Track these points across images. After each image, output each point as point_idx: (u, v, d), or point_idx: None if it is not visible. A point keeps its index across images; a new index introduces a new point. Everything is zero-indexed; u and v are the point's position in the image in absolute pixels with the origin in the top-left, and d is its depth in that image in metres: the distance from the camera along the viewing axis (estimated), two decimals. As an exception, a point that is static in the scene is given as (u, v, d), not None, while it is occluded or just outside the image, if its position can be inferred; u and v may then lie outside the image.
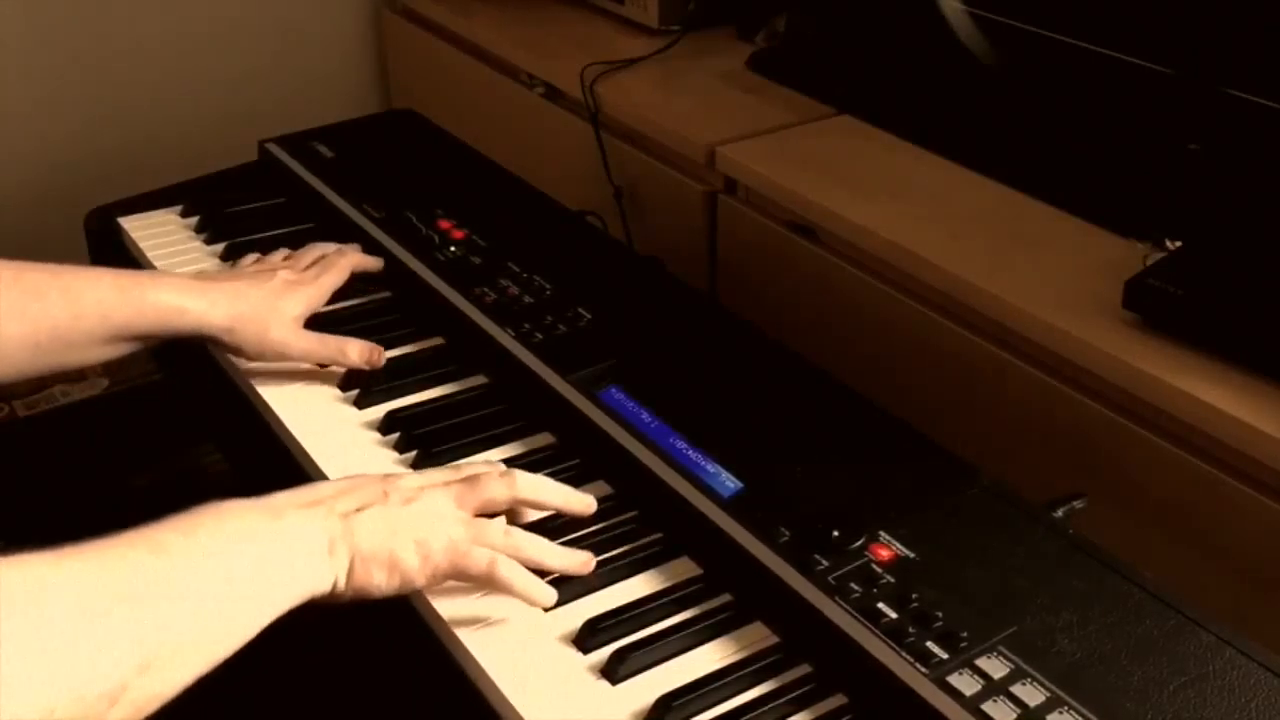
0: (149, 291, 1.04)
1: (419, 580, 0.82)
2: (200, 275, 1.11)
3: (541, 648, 0.82)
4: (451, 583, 0.85)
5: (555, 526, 0.91)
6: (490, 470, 0.89)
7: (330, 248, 1.20)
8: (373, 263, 1.21)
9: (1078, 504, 0.91)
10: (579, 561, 0.87)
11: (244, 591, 0.75)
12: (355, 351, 1.07)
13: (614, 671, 0.79)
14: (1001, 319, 1.15)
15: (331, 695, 1.02)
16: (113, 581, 0.69)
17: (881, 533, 0.85)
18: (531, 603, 0.84)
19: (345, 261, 1.17)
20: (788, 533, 0.85)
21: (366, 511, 0.82)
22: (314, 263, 1.16)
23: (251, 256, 1.21)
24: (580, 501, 0.91)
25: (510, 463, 0.98)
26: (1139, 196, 1.24)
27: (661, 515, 0.92)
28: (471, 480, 0.87)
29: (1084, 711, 0.72)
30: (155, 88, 2.03)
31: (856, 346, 1.30)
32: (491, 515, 0.87)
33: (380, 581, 0.81)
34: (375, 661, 0.91)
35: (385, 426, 1.02)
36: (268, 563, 0.77)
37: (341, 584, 0.80)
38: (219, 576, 0.74)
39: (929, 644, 0.77)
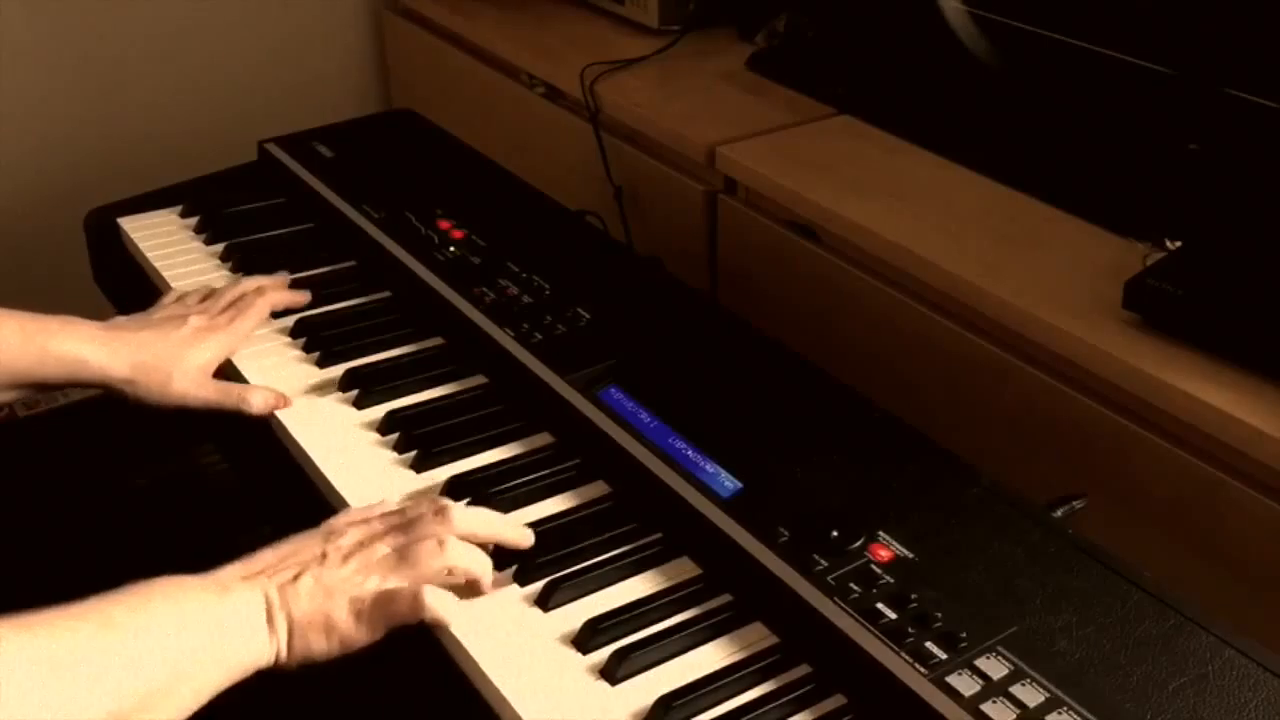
0: (52, 340, 1.03)
1: (358, 639, 0.82)
2: (110, 324, 1.09)
3: (541, 648, 0.82)
4: (450, 583, 0.85)
5: (555, 528, 0.91)
6: (427, 510, 0.88)
7: (251, 285, 1.16)
8: (296, 298, 1.18)
9: (1078, 504, 0.91)
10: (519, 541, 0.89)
11: (188, 668, 0.76)
12: (258, 399, 1.04)
13: (614, 672, 0.79)
14: (1001, 319, 1.15)
15: (330, 695, 1.02)
16: (60, 653, 0.70)
17: (881, 533, 0.85)
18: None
19: (263, 302, 1.14)
20: (787, 533, 0.85)
21: (303, 578, 0.82)
22: (231, 304, 1.13)
23: (173, 295, 1.18)
24: (519, 534, 0.89)
25: (510, 463, 0.98)
26: (1139, 196, 1.24)
27: (661, 515, 0.91)
28: (408, 525, 0.87)
29: (1083, 712, 0.72)
30: (155, 88, 2.03)
31: (856, 346, 1.30)
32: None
33: (320, 647, 0.82)
34: (373, 661, 0.91)
35: (385, 426, 1.02)
36: (211, 638, 0.78)
37: (284, 655, 0.81)
38: (165, 652, 0.75)
39: (928, 644, 0.77)
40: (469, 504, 0.91)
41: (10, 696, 0.66)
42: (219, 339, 1.09)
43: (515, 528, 0.90)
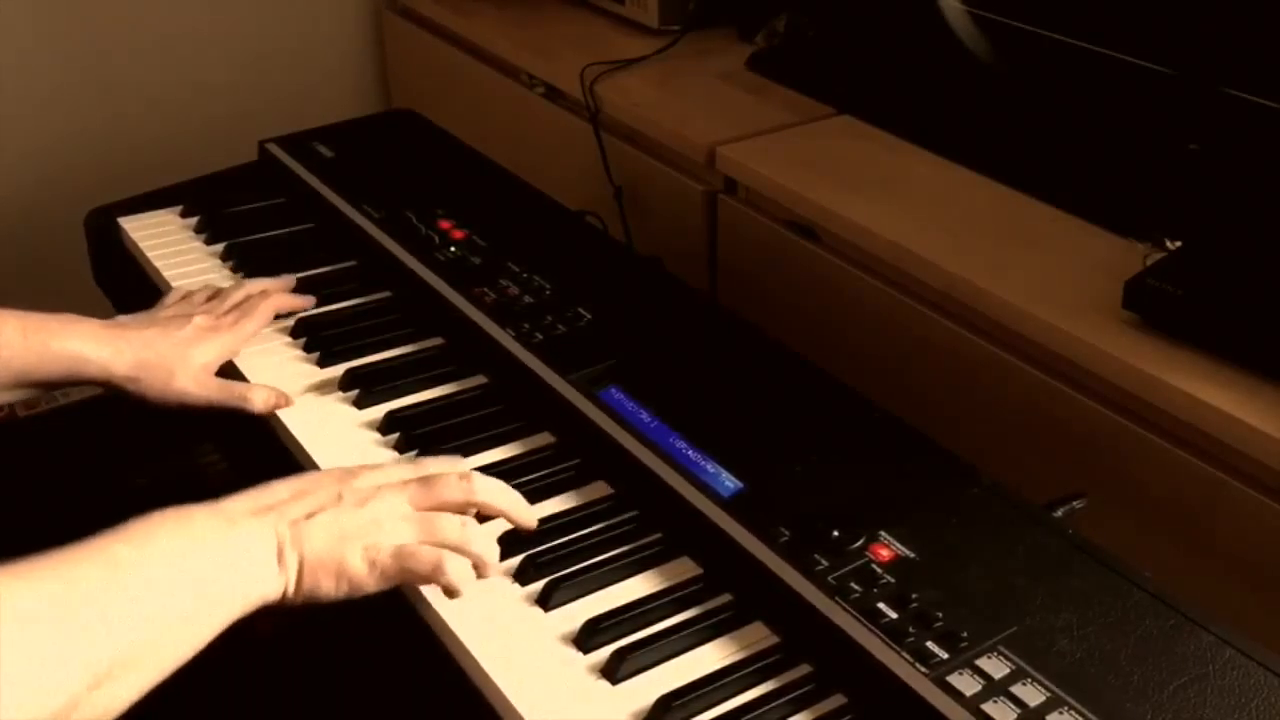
0: (53, 339, 1.03)
1: (368, 586, 0.82)
2: (112, 322, 1.09)
3: (541, 648, 0.82)
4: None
5: (556, 528, 0.91)
6: (449, 471, 0.88)
7: (256, 287, 1.17)
8: (300, 302, 1.18)
9: (1078, 504, 0.91)
10: (527, 519, 0.90)
11: (195, 603, 0.75)
12: (260, 398, 1.05)
13: (614, 671, 0.79)
14: (1001, 319, 1.15)
15: (331, 695, 1.02)
16: (63, 598, 0.70)
17: (881, 533, 0.85)
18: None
19: (267, 305, 1.14)
20: (788, 533, 0.85)
21: (318, 517, 0.82)
22: (236, 306, 1.13)
23: (177, 294, 1.18)
24: (527, 514, 0.90)
25: (510, 463, 0.98)
26: (1139, 196, 1.24)
27: (661, 515, 0.92)
28: (429, 481, 0.87)
29: (1084, 711, 0.72)
30: (155, 88, 2.03)
31: (856, 346, 1.30)
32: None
33: (328, 588, 0.81)
34: (375, 661, 0.91)
35: (385, 426, 1.02)
36: (219, 573, 0.77)
37: (291, 591, 0.80)
38: (170, 589, 0.74)
39: (929, 644, 0.77)
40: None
41: (16, 641, 0.65)
42: (222, 339, 1.09)
43: (527, 506, 0.91)
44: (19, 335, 1.02)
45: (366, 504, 0.84)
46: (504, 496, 0.90)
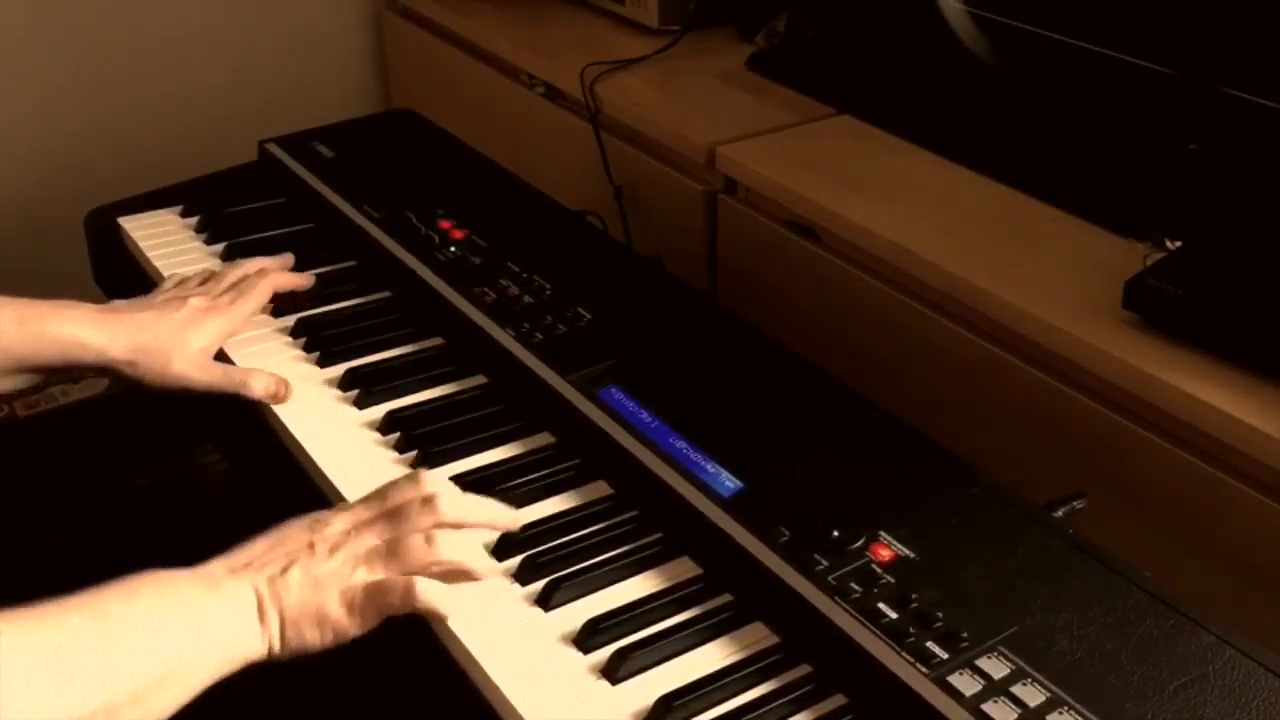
0: (49, 324, 1.03)
1: (351, 630, 0.82)
2: (108, 306, 1.09)
3: (541, 648, 0.82)
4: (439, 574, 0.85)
5: (556, 528, 0.91)
6: (414, 498, 0.87)
7: (253, 266, 1.16)
8: (299, 281, 1.17)
9: (1078, 504, 0.91)
10: (508, 524, 0.90)
11: (179, 661, 0.76)
12: (260, 384, 1.04)
13: (614, 671, 0.79)
14: (1001, 319, 1.15)
15: (331, 695, 1.02)
16: (52, 649, 0.70)
17: (881, 533, 0.85)
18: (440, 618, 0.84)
19: (264, 285, 1.13)
20: (788, 533, 0.85)
21: (291, 571, 0.82)
22: (232, 286, 1.13)
23: (173, 279, 1.17)
24: (508, 517, 0.90)
25: (510, 463, 0.98)
26: (1139, 196, 1.24)
27: (661, 515, 0.92)
28: (394, 514, 0.86)
29: (1084, 711, 0.72)
30: (155, 88, 2.03)
31: (856, 346, 1.30)
32: None
33: (313, 638, 0.82)
34: (375, 661, 0.91)
35: (385, 426, 1.02)
36: (202, 632, 0.78)
37: (276, 648, 0.81)
38: (156, 647, 0.74)
39: (929, 644, 0.77)
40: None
41: (3, 690, 0.66)
42: (220, 320, 1.09)
43: (504, 511, 0.90)
44: (15, 322, 1.02)
45: (338, 550, 0.84)
46: (478, 510, 0.89)
